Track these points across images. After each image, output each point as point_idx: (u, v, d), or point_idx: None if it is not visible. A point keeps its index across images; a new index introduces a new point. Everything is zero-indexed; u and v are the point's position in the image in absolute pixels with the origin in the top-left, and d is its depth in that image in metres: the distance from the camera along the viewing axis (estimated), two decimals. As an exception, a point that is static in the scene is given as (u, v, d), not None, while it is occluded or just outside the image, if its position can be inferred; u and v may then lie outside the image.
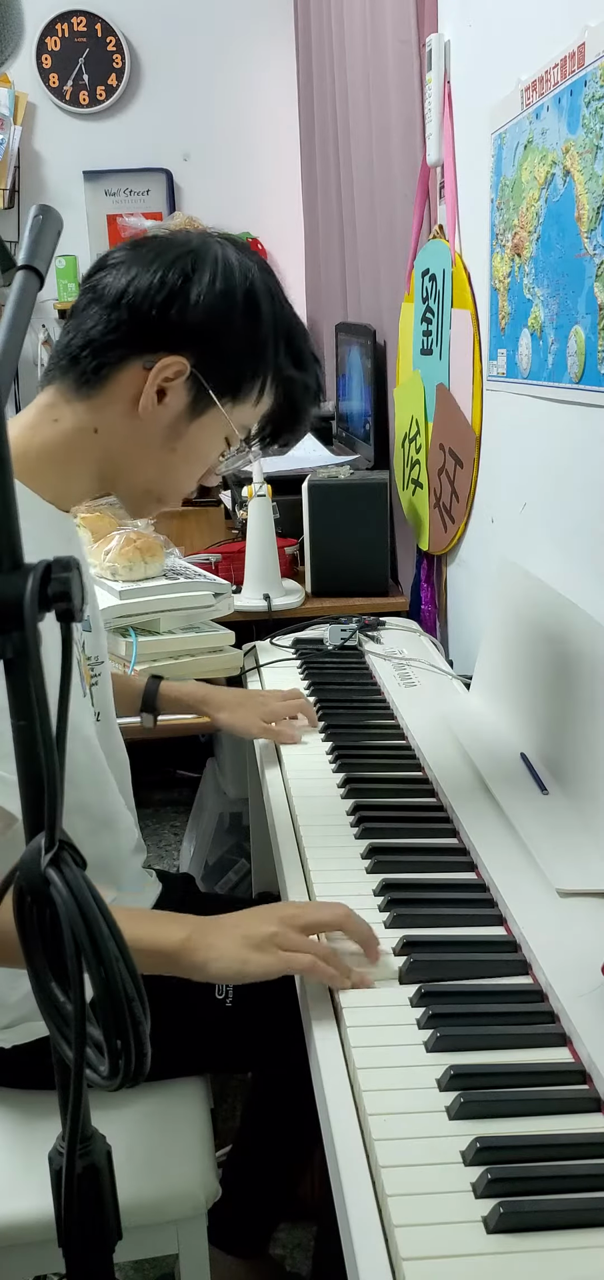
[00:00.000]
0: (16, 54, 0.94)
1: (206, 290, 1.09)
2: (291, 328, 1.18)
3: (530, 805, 1.25)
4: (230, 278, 1.11)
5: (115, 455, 1.13)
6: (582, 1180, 0.74)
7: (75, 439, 1.11)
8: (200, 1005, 1.24)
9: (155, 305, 1.08)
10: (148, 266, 1.09)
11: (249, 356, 1.14)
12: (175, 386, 1.11)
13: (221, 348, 1.11)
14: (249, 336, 1.12)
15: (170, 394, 1.11)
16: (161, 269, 1.09)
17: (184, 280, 1.09)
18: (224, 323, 1.10)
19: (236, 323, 1.11)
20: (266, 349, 1.15)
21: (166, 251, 1.11)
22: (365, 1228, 0.71)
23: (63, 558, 0.61)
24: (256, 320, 1.13)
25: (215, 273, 1.10)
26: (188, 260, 1.10)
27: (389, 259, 2.40)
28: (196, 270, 1.09)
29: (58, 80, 3.62)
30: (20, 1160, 1.15)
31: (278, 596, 2.08)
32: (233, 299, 1.10)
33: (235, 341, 1.12)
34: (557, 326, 1.44)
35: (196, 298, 1.09)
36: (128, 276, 1.09)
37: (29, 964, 0.66)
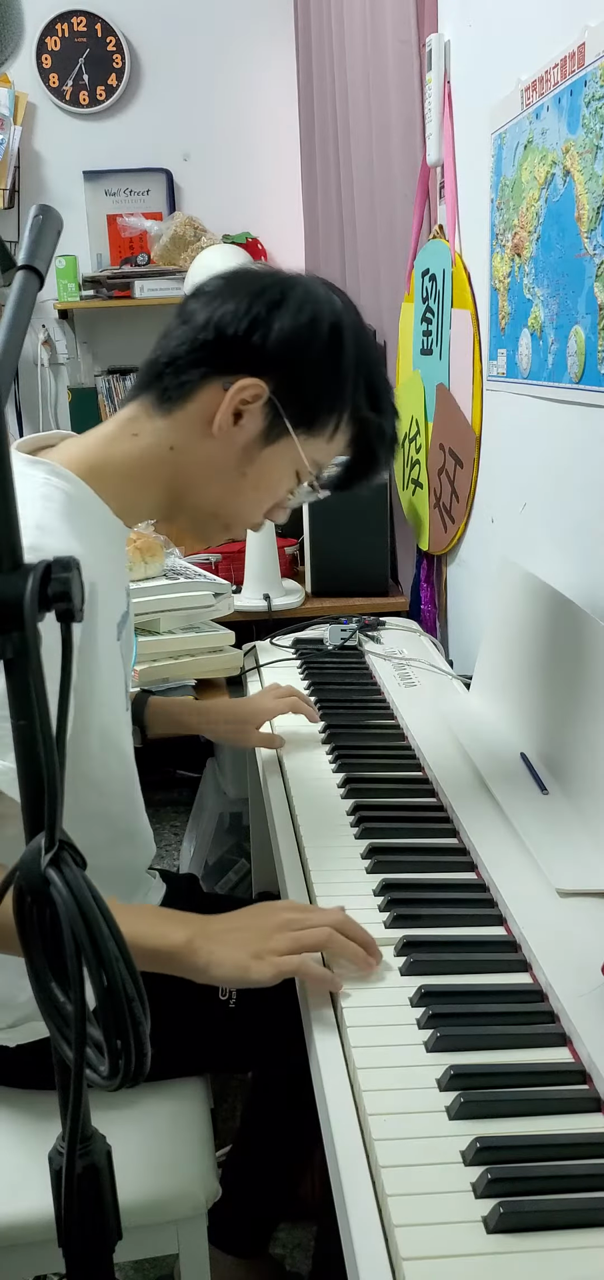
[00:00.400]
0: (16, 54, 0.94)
1: (292, 318, 1.11)
2: (373, 371, 1.19)
3: (530, 805, 1.25)
4: (317, 309, 1.13)
5: (187, 474, 1.15)
6: (582, 1180, 0.74)
7: (151, 454, 1.14)
8: (204, 1006, 1.24)
9: (240, 328, 1.10)
10: (237, 293, 1.12)
11: (327, 390, 1.15)
12: (252, 410, 1.12)
13: (301, 377, 1.12)
14: (330, 370, 1.14)
15: (246, 417, 1.12)
16: (250, 296, 1.11)
17: (271, 307, 1.11)
18: (306, 352, 1.12)
19: (318, 354, 1.12)
20: (346, 385, 1.16)
21: (257, 281, 1.14)
22: (365, 1228, 0.71)
23: (63, 558, 0.62)
24: (339, 355, 1.14)
25: (303, 303, 1.12)
26: (277, 289, 1.12)
27: (389, 259, 2.40)
28: (284, 299, 1.12)
29: (58, 80, 3.62)
30: (20, 1160, 1.15)
31: (278, 596, 2.08)
32: (317, 330, 1.12)
33: (315, 372, 1.13)
34: (557, 326, 1.44)
35: (281, 324, 1.10)
36: (217, 301, 1.12)
37: (29, 964, 0.66)
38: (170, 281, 3.41)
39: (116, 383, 3.57)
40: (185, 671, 1.73)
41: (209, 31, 3.62)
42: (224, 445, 1.13)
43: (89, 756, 1.13)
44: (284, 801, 1.34)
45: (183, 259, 3.39)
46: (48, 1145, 0.73)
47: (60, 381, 3.78)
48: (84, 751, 1.11)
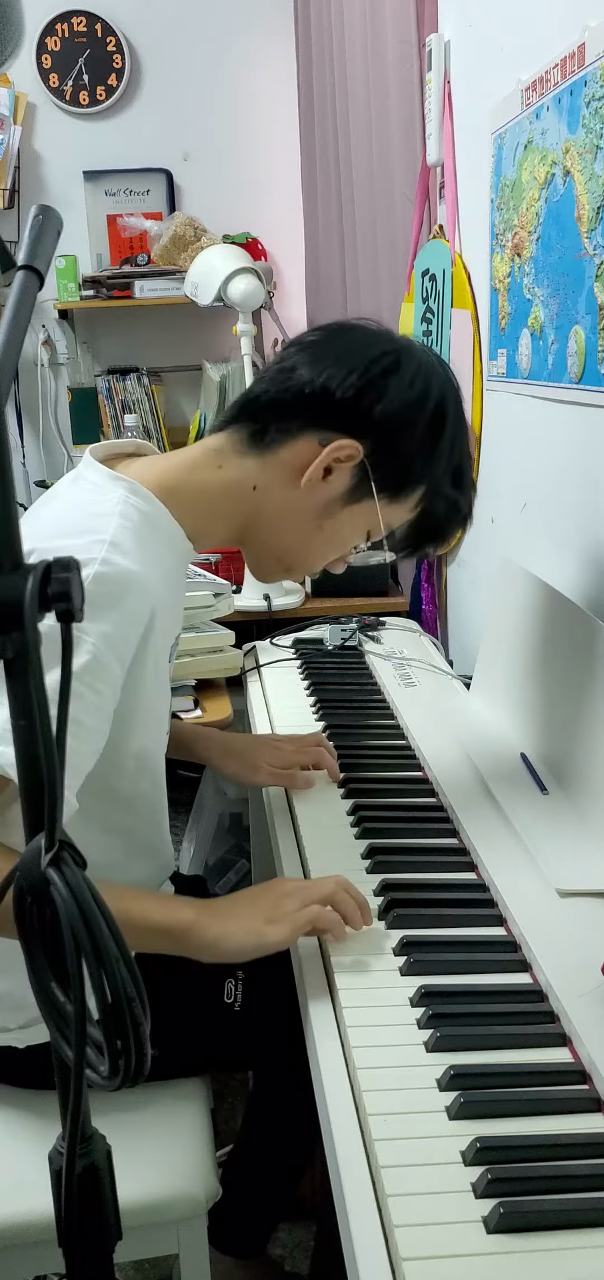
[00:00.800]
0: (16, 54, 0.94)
1: (405, 389, 1.12)
2: (464, 453, 1.20)
3: (530, 805, 1.25)
4: (428, 385, 1.14)
5: (264, 515, 1.16)
6: (582, 1180, 0.74)
7: (233, 489, 1.15)
8: (207, 1007, 1.24)
9: (349, 390, 1.11)
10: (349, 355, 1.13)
11: (420, 464, 1.16)
12: (343, 469, 1.13)
13: (398, 447, 1.13)
14: (427, 446, 1.15)
15: (336, 474, 1.13)
16: (365, 360, 1.12)
17: (385, 374, 1.12)
18: (408, 425, 1.13)
19: (420, 429, 1.14)
20: (439, 464, 1.17)
21: (371, 345, 1.15)
22: (365, 1228, 0.71)
23: (63, 558, 0.61)
24: (440, 434, 1.15)
25: (416, 375, 1.13)
26: (392, 357, 1.13)
27: (389, 259, 2.40)
28: (399, 367, 1.13)
29: (58, 80, 3.62)
30: (20, 1160, 1.15)
31: (278, 596, 2.08)
32: (424, 406, 1.13)
33: (413, 446, 1.14)
34: (557, 326, 1.44)
35: (392, 394, 1.11)
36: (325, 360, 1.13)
37: (29, 964, 0.66)
38: (170, 281, 3.41)
39: (116, 383, 3.57)
40: (185, 671, 1.73)
41: (209, 31, 3.62)
42: (307, 497, 1.14)
43: (122, 774, 1.13)
44: (284, 801, 1.34)
45: (183, 259, 3.39)
46: (48, 1145, 0.73)
47: (60, 381, 3.78)
48: (118, 769, 1.11)
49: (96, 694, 0.99)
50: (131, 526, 1.05)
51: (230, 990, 1.24)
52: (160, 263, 3.46)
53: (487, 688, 1.60)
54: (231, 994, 1.25)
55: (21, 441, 3.78)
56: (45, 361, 3.75)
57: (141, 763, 1.15)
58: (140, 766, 1.15)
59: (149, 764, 1.17)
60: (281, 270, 3.76)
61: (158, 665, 1.12)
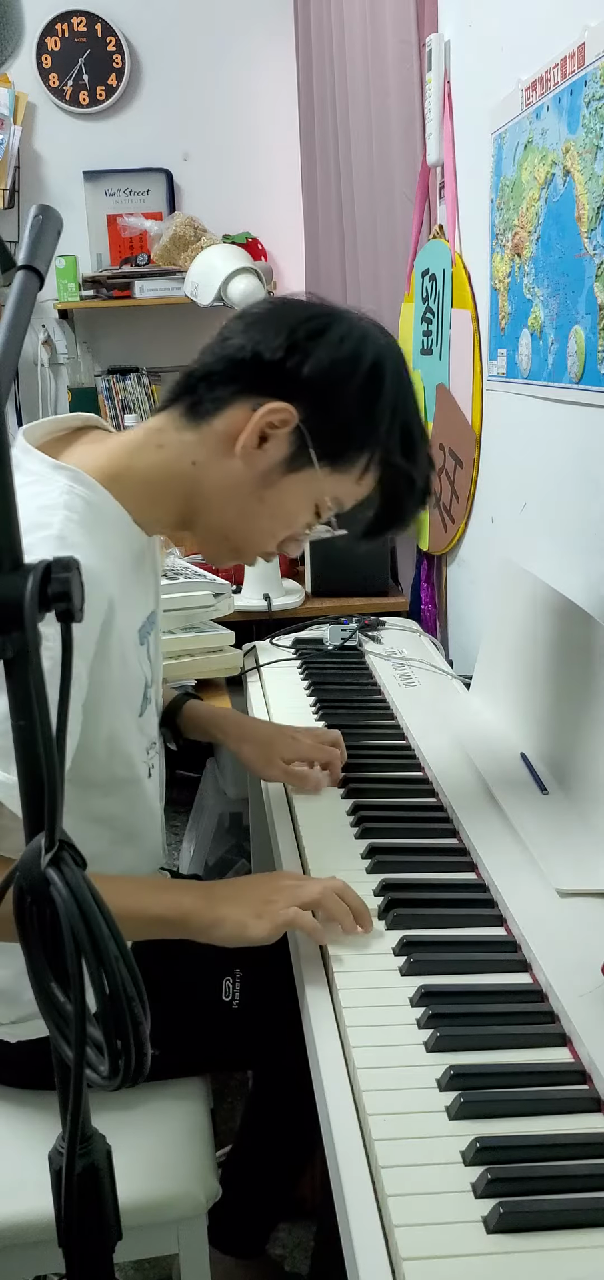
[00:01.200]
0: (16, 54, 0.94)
1: (332, 350, 1.09)
2: (411, 419, 1.16)
3: (530, 805, 1.25)
4: (360, 346, 1.11)
5: (205, 491, 1.14)
6: (582, 1180, 0.74)
7: (173, 468, 1.13)
8: (206, 1007, 1.24)
9: (277, 351, 1.08)
10: (281, 319, 1.11)
11: (359, 427, 1.12)
12: (279, 435, 1.10)
13: (333, 409, 1.10)
14: (364, 407, 1.11)
15: (272, 441, 1.10)
16: (294, 322, 1.10)
17: (312, 335, 1.09)
18: (342, 384, 1.09)
19: (353, 391, 1.10)
20: (378, 427, 1.12)
21: (303, 310, 1.13)
22: (365, 1228, 0.71)
23: (63, 558, 0.62)
24: (376, 396, 1.11)
25: (345, 336, 1.10)
26: (321, 320, 1.11)
27: (389, 259, 2.40)
28: (327, 330, 1.10)
29: (58, 80, 3.62)
30: (20, 1160, 1.15)
31: (278, 596, 2.08)
32: (357, 365, 1.10)
33: (348, 407, 1.10)
34: (557, 326, 1.44)
35: (320, 354, 1.09)
36: (259, 325, 1.11)
37: (29, 964, 0.66)
38: (170, 281, 3.41)
39: (116, 383, 3.57)
40: (185, 671, 1.73)
41: (209, 31, 3.62)
42: (245, 466, 1.11)
43: (95, 761, 1.12)
44: (284, 801, 1.34)
45: (183, 259, 3.39)
46: (48, 1145, 0.73)
47: (60, 381, 3.78)
48: (90, 756, 1.10)
49: None
50: (78, 518, 1.03)
51: (228, 988, 1.24)
52: (160, 263, 3.46)
53: (487, 688, 1.60)
54: (230, 992, 1.25)
55: (21, 441, 3.78)
56: (45, 361, 3.75)
57: (112, 745, 1.14)
58: (111, 750, 1.14)
59: (120, 747, 1.15)
60: (282, 270, 3.76)
61: (124, 654, 1.11)
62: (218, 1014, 1.24)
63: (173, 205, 3.72)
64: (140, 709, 1.20)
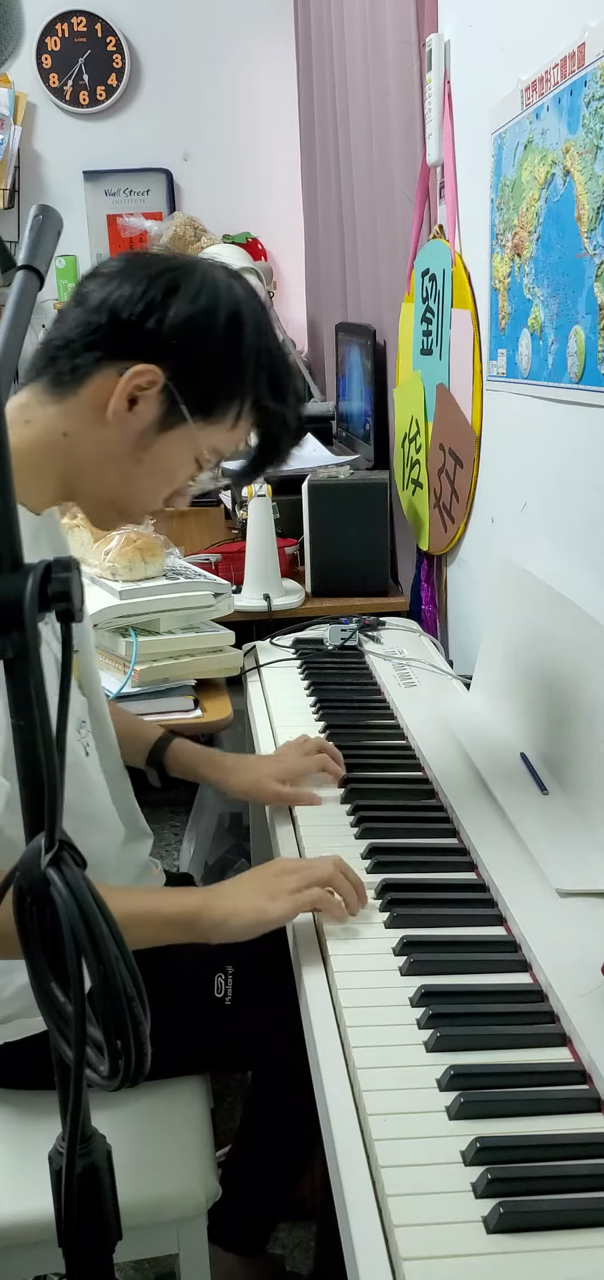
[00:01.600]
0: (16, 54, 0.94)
1: (189, 304, 1.09)
2: (276, 359, 1.17)
3: (530, 805, 1.25)
4: (215, 297, 1.11)
5: (82, 461, 1.12)
6: (582, 1180, 0.74)
7: (44, 441, 1.10)
8: (199, 1003, 1.24)
9: (135, 312, 1.07)
10: (134, 276, 1.09)
11: (225, 377, 1.12)
12: (148, 397, 1.09)
13: (198, 364, 1.10)
14: (227, 357, 1.12)
15: (142, 403, 1.09)
16: (147, 280, 1.08)
17: (167, 293, 1.08)
18: (203, 338, 1.10)
19: (216, 341, 1.10)
20: (245, 373, 1.13)
21: (155, 264, 1.11)
22: (365, 1228, 0.71)
23: (63, 558, 0.62)
24: (238, 342, 1.12)
25: (200, 289, 1.10)
26: (175, 275, 1.10)
27: (389, 259, 2.40)
28: (182, 285, 1.09)
29: (58, 80, 3.62)
30: (20, 1160, 1.15)
31: (278, 596, 2.08)
32: (214, 317, 1.10)
33: (212, 359, 1.11)
34: (557, 326, 1.44)
35: (177, 310, 1.08)
36: (113, 284, 1.09)
37: (29, 964, 0.67)
38: (170, 281, 3.40)
39: (116, 383, 3.57)
40: (185, 671, 1.73)
41: (209, 31, 3.62)
42: (119, 432, 1.10)
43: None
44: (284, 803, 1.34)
45: (183, 259, 3.39)
46: (48, 1145, 0.73)
47: (60, 381, 3.78)
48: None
49: None
50: None
51: (220, 985, 1.25)
52: (160, 263, 3.46)
53: (487, 688, 1.60)
54: (222, 989, 1.25)
55: (21, 441, 3.78)
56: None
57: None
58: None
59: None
60: (281, 270, 3.77)
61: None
62: (210, 1010, 1.24)
63: (173, 205, 3.72)
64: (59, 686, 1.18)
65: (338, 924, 1.04)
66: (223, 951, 1.21)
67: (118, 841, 1.30)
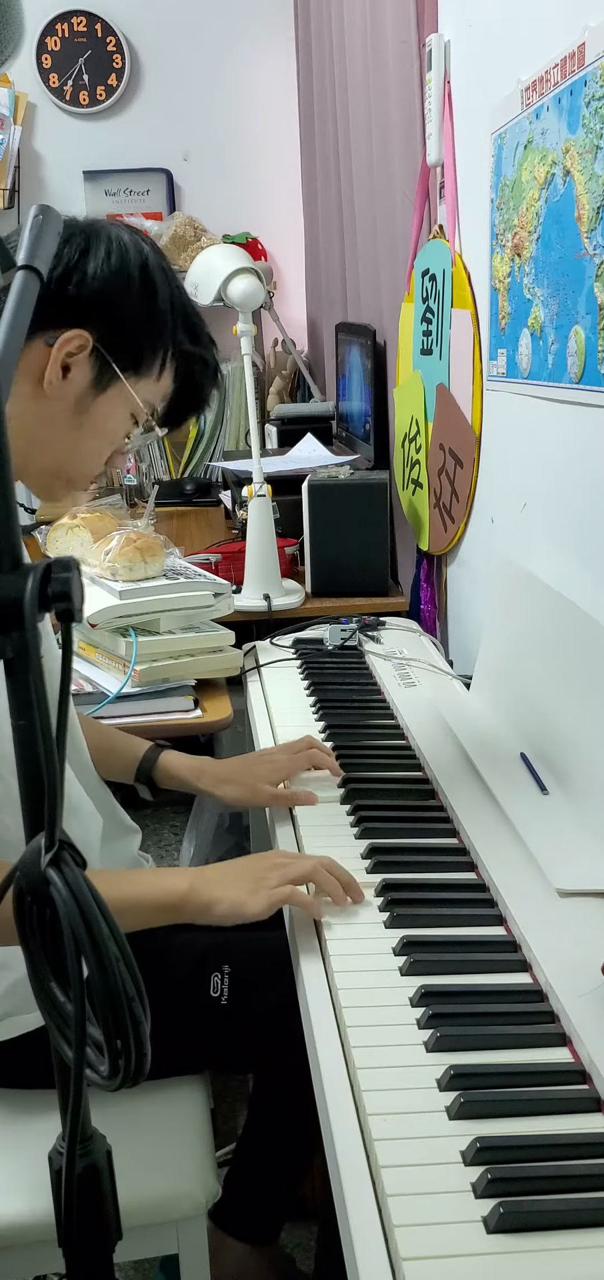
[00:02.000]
0: (16, 54, 0.94)
1: (102, 264, 1.12)
2: (187, 306, 1.22)
3: (530, 805, 1.25)
4: (125, 254, 1.14)
5: (24, 437, 1.13)
6: (582, 1180, 0.74)
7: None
8: (193, 1003, 1.24)
9: (53, 280, 1.09)
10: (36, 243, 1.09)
11: (148, 329, 1.16)
12: (79, 361, 1.12)
13: (121, 320, 1.13)
14: (147, 309, 1.15)
15: (75, 369, 1.12)
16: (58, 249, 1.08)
17: (80, 255, 1.11)
18: (122, 295, 1.13)
19: (134, 296, 1.14)
20: (165, 323, 1.17)
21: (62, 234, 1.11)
22: (365, 1228, 0.71)
23: (63, 558, 0.62)
24: (153, 295, 1.16)
25: (110, 249, 1.13)
26: (82, 238, 1.12)
27: (389, 259, 2.40)
28: (91, 246, 1.12)
29: (58, 80, 3.62)
30: (20, 1160, 1.15)
31: (278, 596, 2.08)
32: (129, 273, 1.14)
33: (134, 314, 1.14)
34: (557, 326, 1.44)
35: (93, 271, 1.11)
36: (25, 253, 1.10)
37: (29, 964, 0.67)
38: (170, 281, 3.40)
39: (116, 383, 3.57)
40: (185, 671, 1.73)
41: (209, 31, 3.62)
42: (57, 401, 1.13)
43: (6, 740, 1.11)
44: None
45: (183, 259, 3.39)
46: (48, 1145, 0.73)
47: (60, 381, 3.78)
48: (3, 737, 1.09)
49: None
50: None
51: (216, 984, 1.25)
52: (160, 263, 3.46)
53: (487, 688, 1.60)
54: (218, 988, 1.25)
55: (21, 441, 3.78)
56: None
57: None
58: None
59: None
60: (281, 270, 3.77)
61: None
62: (207, 1010, 1.24)
63: (173, 205, 3.72)
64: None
65: (335, 921, 1.04)
66: (219, 951, 1.21)
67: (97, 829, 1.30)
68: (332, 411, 3.09)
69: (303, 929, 1.05)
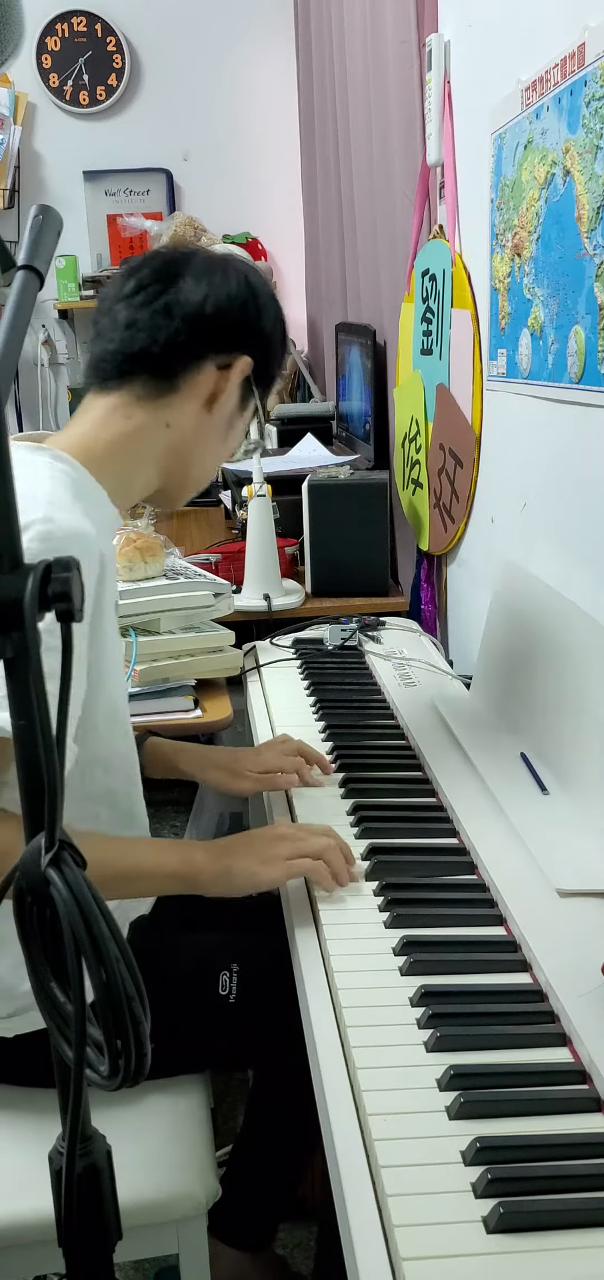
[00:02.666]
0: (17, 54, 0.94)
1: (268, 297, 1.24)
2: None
3: (530, 805, 1.25)
4: (261, 282, 1.24)
5: (182, 448, 1.23)
6: (582, 1180, 0.74)
7: (147, 434, 1.20)
8: (202, 1000, 1.24)
9: (235, 310, 1.19)
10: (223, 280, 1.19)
11: (281, 352, 1.29)
12: (237, 383, 1.22)
13: (272, 349, 1.25)
14: (282, 338, 1.28)
15: (231, 388, 1.22)
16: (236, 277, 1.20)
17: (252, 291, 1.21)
18: (276, 325, 1.25)
19: (281, 327, 1.27)
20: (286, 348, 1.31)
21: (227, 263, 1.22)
22: (365, 1228, 0.71)
23: (63, 558, 0.62)
24: (283, 324, 1.28)
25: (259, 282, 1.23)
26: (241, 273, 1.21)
27: (389, 259, 2.40)
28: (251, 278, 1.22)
29: (58, 80, 3.62)
30: (20, 1160, 1.15)
31: (278, 596, 2.08)
32: (277, 305, 1.26)
33: (276, 339, 1.26)
34: (557, 326, 1.44)
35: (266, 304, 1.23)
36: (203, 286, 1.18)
37: (29, 964, 0.66)
38: (170, 281, 3.40)
39: (116, 383, 3.57)
40: (185, 671, 1.73)
41: (209, 31, 3.62)
42: (217, 418, 1.22)
43: (96, 733, 1.15)
44: (284, 801, 1.34)
45: (183, 259, 3.39)
46: (48, 1145, 0.73)
47: (60, 381, 3.79)
48: (92, 727, 1.13)
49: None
50: (62, 488, 1.09)
51: (225, 983, 1.25)
52: (160, 263, 3.45)
53: (487, 688, 1.60)
54: (226, 986, 1.25)
55: (21, 441, 3.78)
56: (45, 361, 3.75)
57: (111, 715, 1.17)
58: (111, 720, 1.17)
59: (118, 715, 1.19)
60: (282, 270, 3.77)
61: (112, 618, 1.17)
62: (215, 1008, 1.24)
63: (173, 205, 3.72)
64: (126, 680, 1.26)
65: (335, 922, 1.04)
66: (228, 950, 1.21)
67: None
68: (332, 411, 3.09)
69: (303, 929, 1.05)
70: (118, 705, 1.19)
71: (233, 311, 1.19)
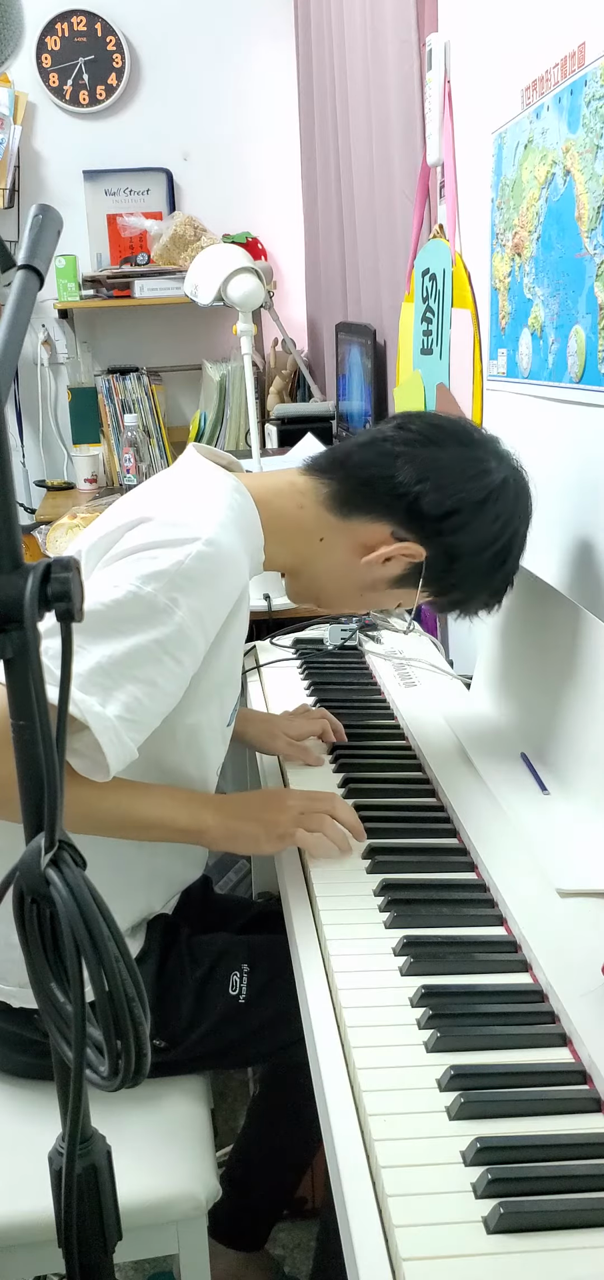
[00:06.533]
0: (16, 54, 0.94)
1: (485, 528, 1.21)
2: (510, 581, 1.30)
3: (530, 805, 1.25)
4: (507, 525, 1.22)
5: (321, 565, 1.27)
6: (582, 1180, 0.73)
7: (304, 529, 1.25)
8: (214, 999, 1.25)
9: (433, 509, 1.19)
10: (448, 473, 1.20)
11: (470, 584, 1.26)
12: (401, 561, 1.23)
13: (458, 569, 1.23)
14: (483, 574, 1.25)
15: (393, 562, 1.23)
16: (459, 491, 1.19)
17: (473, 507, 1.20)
18: (475, 557, 1.22)
19: (483, 562, 1.23)
20: (489, 586, 1.28)
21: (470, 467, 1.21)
22: (365, 1228, 0.71)
23: (63, 558, 0.62)
24: (499, 567, 1.25)
25: (499, 516, 1.21)
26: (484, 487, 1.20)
27: (389, 259, 2.40)
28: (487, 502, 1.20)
29: (58, 80, 3.62)
30: (20, 1160, 1.15)
31: (278, 596, 2.08)
32: (496, 542, 1.22)
33: (472, 571, 1.24)
34: (557, 326, 1.44)
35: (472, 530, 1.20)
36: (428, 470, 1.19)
37: (29, 964, 0.67)
38: (170, 281, 3.41)
39: (116, 382, 3.57)
40: (185, 671, 1.72)
41: (209, 31, 3.62)
42: (363, 570, 1.24)
43: (172, 745, 1.16)
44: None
45: (183, 259, 3.39)
46: (48, 1145, 0.73)
47: (60, 381, 3.79)
48: (168, 737, 1.13)
49: (177, 663, 1.06)
50: (234, 515, 1.14)
51: (235, 982, 1.25)
52: (160, 262, 3.46)
53: (487, 688, 1.60)
54: (237, 986, 1.25)
55: (21, 441, 3.79)
56: (45, 361, 3.75)
57: (192, 738, 1.19)
58: (190, 741, 1.18)
59: (199, 741, 1.20)
60: (281, 270, 3.77)
61: (234, 650, 1.19)
62: (225, 1007, 1.25)
63: (173, 205, 3.72)
64: (229, 718, 1.26)
65: (335, 922, 1.04)
66: (240, 950, 1.22)
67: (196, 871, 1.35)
68: (332, 411, 3.09)
69: (303, 929, 1.05)
70: (204, 735, 1.20)
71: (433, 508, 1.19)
